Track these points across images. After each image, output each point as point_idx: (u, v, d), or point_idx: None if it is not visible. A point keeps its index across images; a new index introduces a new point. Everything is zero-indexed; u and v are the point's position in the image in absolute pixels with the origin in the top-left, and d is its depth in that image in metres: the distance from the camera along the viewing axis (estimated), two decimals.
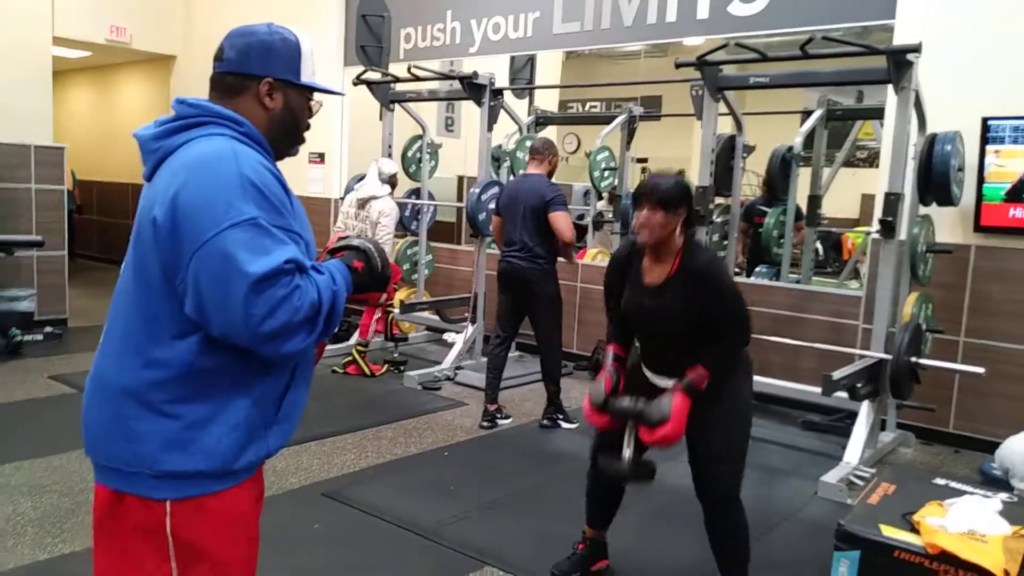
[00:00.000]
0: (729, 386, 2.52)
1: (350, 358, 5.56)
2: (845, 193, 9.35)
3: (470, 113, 8.43)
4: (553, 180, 4.77)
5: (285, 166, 1.51)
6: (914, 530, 2.34)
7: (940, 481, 2.79)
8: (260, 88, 1.49)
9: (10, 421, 4.41)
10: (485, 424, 4.64)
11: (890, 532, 2.35)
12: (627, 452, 2.51)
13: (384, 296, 1.50)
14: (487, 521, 3.38)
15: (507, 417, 4.74)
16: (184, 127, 1.43)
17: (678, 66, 4.62)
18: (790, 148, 5.76)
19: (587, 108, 12.63)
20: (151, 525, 1.42)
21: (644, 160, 10.62)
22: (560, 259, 4.68)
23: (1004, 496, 2.58)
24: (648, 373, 2.62)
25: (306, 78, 1.54)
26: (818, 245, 8.12)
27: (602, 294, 2.76)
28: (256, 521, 1.61)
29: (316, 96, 1.61)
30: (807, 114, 6.24)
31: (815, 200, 5.97)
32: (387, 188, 5.54)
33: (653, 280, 2.51)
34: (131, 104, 10.66)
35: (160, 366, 1.38)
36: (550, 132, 7.86)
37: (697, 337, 2.46)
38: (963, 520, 2.33)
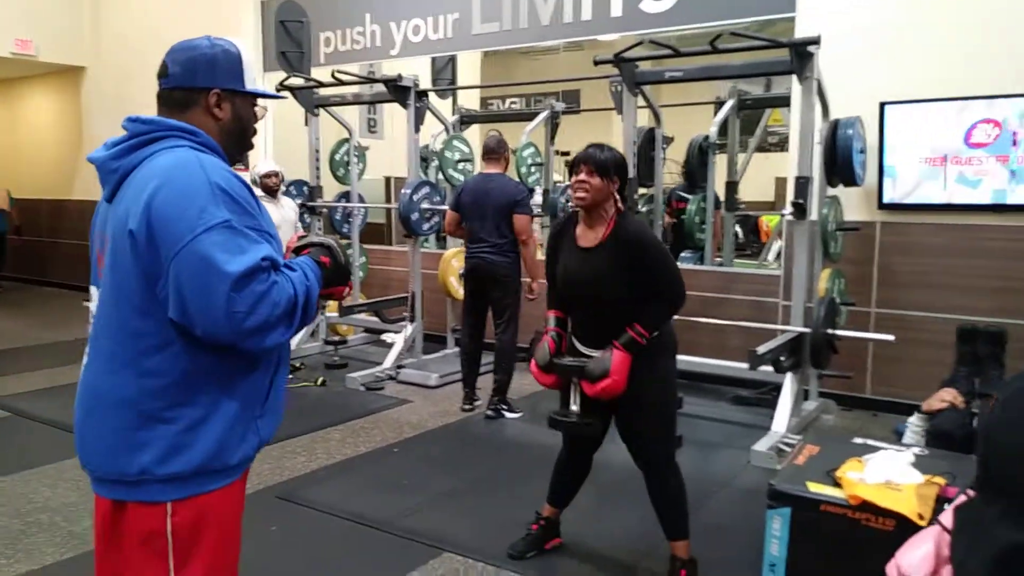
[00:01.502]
0: (655, 365, 2.69)
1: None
2: (760, 177, 9.77)
3: (393, 115, 8.48)
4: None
5: None
6: (837, 485, 2.56)
7: (859, 440, 3.02)
8: (208, 100, 1.56)
9: None
10: (466, 408, 4.94)
11: (816, 488, 2.56)
12: (574, 407, 2.72)
13: (347, 290, 1.56)
14: (441, 510, 3.50)
15: (516, 412, 4.85)
16: (141, 143, 1.49)
17: (596, 63, 4.80)
18: (706, 137, 6.02)
19: (508, 105, 12.78)
20: (152, 528, 1.47)
21: (566, 153, 10.81)
22: None
23: (916, 450, 2.83)
24: (578, 345, 2.77)
25: (250, 85, 1.62)
26: (738, 229, 8.49)
27: None
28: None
29: (260, 101, 1.69)
30: (720, 104, 6.52)
31: (732, 186, 6.25)
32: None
33: (587, 243, 2.67)
34: (40, 117, 10.31)
35: (153, 375, 1.44)
36: (474, 130, 7.98)
37: (627, 302, 2.60)
38: (880, 472, 2.56)
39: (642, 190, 5.54)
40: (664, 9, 5.58)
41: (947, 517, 1.34)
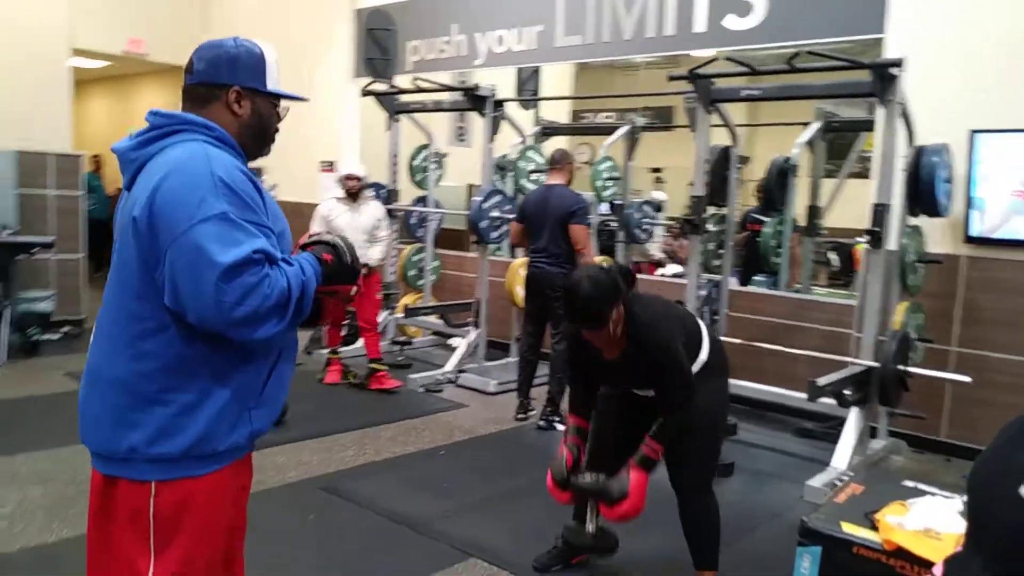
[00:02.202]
0: (703, 387, 2.63)
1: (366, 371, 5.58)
2: (855, 204, 9.41)
3: (481, 124, 8.59)
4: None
5: (298, 175, 1.63)
6: (874, 527, 2.44)
7: (909, 483, 2.87)
8: (229, 96, 1.61)
9: (25, 415, 4.61)
10: (520, 417, 4.95)
11: (850, 529, 2.44)
12: (590, 526, 2.70)
13: (354, 289, 1.57)
14: (476, 517, 3.50)
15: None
16: (159, 136, 1.55)
17: (671, 79, 4.74)
18: (787, 159, 5.84)
19: (601, 118, 12.76)
20: (137, 506, 1.52)
21: (658, 170, 10.72)
22: None
23: (966, 497, 2.67)
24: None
25: (271, 86, 1.66)
26: (833, 256, 8.19)
27: None
28: (237, 512, 1.70)
29: (284, 103, 1.73)
30: None
31: (814, 210, 6.06)
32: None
33: (612, 356, 2.57)
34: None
35: (148, 357, 1.49)
36: (559, 142, 7.98)
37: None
38: (921, 519, 2.42)
39: (713, 210, 5.41)
40: (750, 27, 5.46)
41: (939, 570, 1.26)
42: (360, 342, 5.71)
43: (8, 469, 3.75)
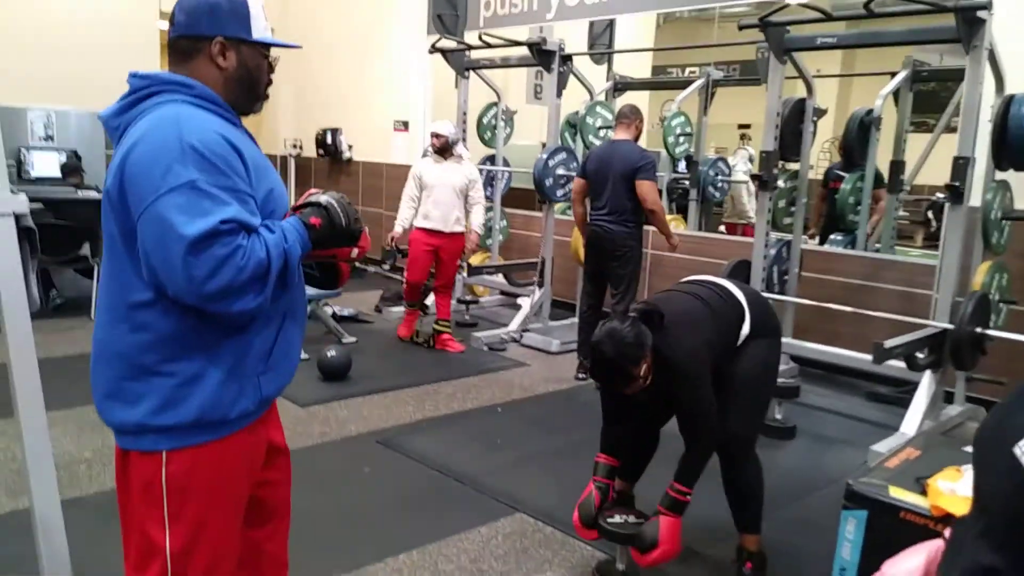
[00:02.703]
0: (750, 343, 2.56)
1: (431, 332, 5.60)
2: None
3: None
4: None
5: (373, 134, 1.54)
6: (924, 492, 2.34)
7: (970, 449, 2.73)
8: (212, 48, 1.51)
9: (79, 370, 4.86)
10: (581, 376, 4.94)
11: (897, 493, 2.34)
12: (620, 565, 2.67)
13: (355, 251, 1.50)
14: (526, 472, 3.53)
15: None
16: (139, 99, 1.47)
17: (741, 28, 4.55)
18: (869, 111, 5.55)
19: (687, 73, 12.37)
20: (148, 476, 1.51)
21: (747, 126, 10.35)
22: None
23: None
24: None
25: (258, 34, 1.56)
26: (930, 215, 7.77)
27: (673, 260, 2.72)
28: (259, 471, 1.66)
29: (275, 51, 1.62)
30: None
31: (897, 165, 5.75)
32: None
33: (633, 391, 2.45)
34: None
35: (145, 329, 1.45)
36: (638, 97, 7.77)
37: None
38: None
39: (791, 165, 5.20)
40: None
41: (949, 531, 1.20)
42: (431, 298, 5.77)
43: (91, 417, 3.93)
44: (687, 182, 7.08)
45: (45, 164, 6.34)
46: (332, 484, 3.31)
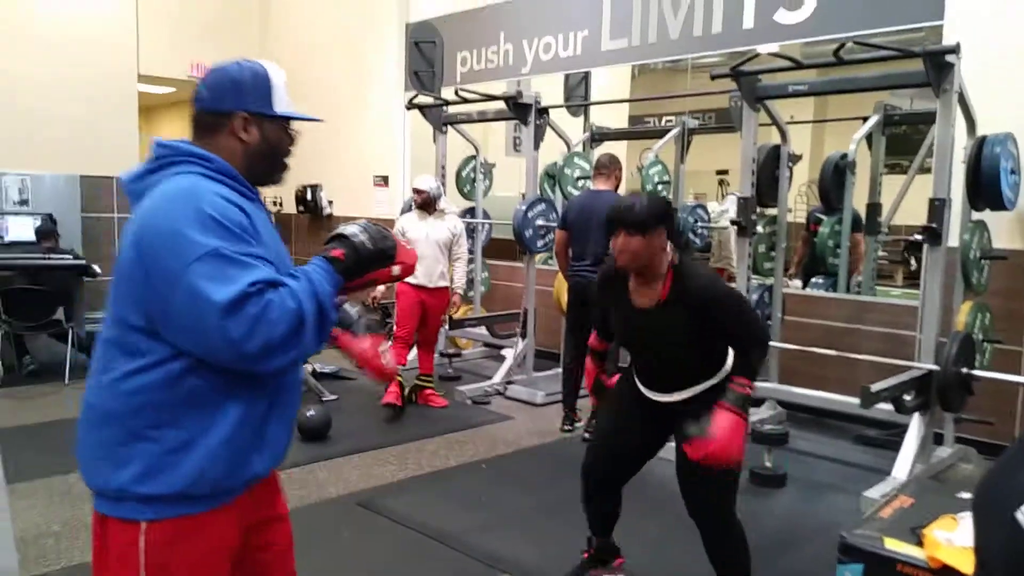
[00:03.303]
0: None
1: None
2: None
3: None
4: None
5: (354, 188, 1.56)
6: (920, 543, 2.27)
7: (965, 494, 2.66)
8: (235, 123, 1.54)
9: (51, 438, 4.72)
10: (566, 429, 4.86)
11: (893, 545, 2.27)
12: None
13: (396, 268, 1.45)
14: (509, 530, 3.43)
15: None
16: (159, 167, 1.51)
17: (713, 77, 4.60)
18: (843, 155, 5.61)
19: (663, 122, 12.52)
20: (125, 547, 1.46)
21: (725, 172, 10.48)
22: None
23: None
24: (643, 388, 2.60)
25: (280, 108, 1.59)
26: (907, 255, 7.82)
27: None
28: (229, 560, 1.58)
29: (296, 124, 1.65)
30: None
31: (874, 208, 5.80)
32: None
33: (644, 303, 2.44)
34: None
35: (139, 393, 1.44)
36: (616, 147, 7.81)
37: (700, 354, 2.43)
38: (972, 534, 2.24)
39: (770, 211, 5.22)
40: (801, 20, 5.27)
41: None
42: (413, 353, 5.65)
43: (62, 487, 3.84)
44: None
45: (19, 228, 6.28)
46: (310, 549, 3.18)
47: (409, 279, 5.19)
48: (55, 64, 7.01)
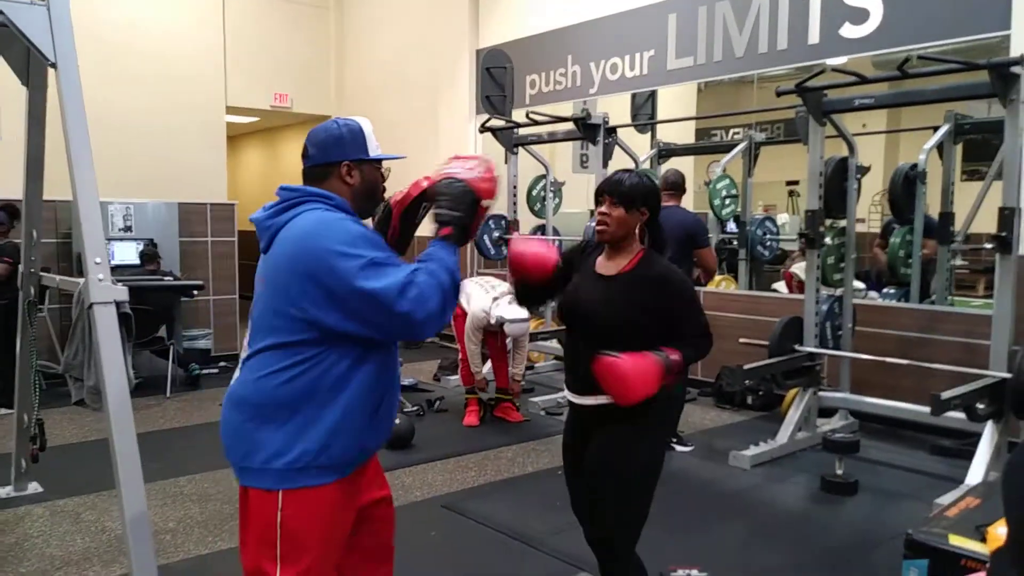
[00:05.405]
0: (645, 434, 2.40)
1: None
2: None
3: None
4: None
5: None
6: (984, 540, 2.36)
7: None
8: (341, 170, 1.89)
9: (189, 441, 5.11)
10: None
11: (957, 541, 2.37)
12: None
13: (488, 202, 1.71)
14: None
15: (687, 445, 4.83)
16: (288, 207, 1.83)
17: (779, 94, 4.71)
18: (914, 166, 5.62)
19: (731, 135, 12.53)
20: (265, 515, 1.77)
21: (795, 183, 10.42)
22: None
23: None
24: (569, 395, 2.52)
25: (373, 152, 1.93)
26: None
27: (726, 321, 2.66)
28: (349, 525, 1.90)
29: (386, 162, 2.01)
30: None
31: (947, 217, 5.78)
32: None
33: (605, 271, 2.43)
34: (294, 160, 11.71)
35: (287, 385, 1.75)
36: (682, 162, 7.94)
37: (633, 339, 2.29)
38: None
39: (840, 222, 5.27)
40: (866, 33, 5.35)
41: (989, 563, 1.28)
42: (487, 367, 5.86)
43: (173, 490, 4.19)
44: (735, 242, 7.18)
45: (125, 252, 6.76)
46: (401, 549, 3.40)
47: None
48: (153, 99, 7.54)
